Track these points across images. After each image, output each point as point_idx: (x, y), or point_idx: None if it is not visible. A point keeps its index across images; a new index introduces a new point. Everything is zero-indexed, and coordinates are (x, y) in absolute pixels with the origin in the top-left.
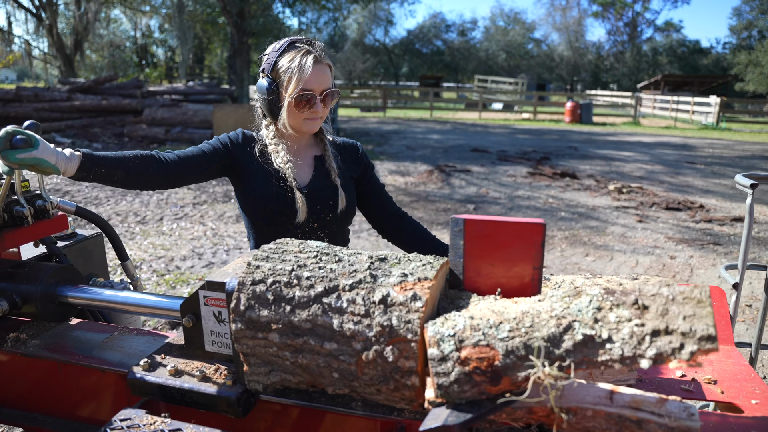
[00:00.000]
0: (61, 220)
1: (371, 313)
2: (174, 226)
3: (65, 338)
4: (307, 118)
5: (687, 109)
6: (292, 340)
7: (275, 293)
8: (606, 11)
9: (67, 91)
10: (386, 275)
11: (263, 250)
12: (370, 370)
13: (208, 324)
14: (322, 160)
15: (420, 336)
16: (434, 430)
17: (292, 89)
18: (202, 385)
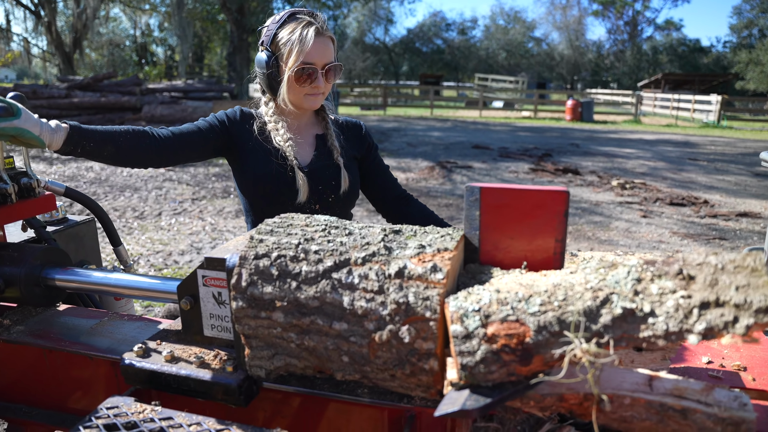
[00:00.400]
0: (48, 200)
1: (385, 289)
2: (172, 221)
3: (52, 324)
4: (308, 93)
5: (688, 108)
6: (298, 319)
7: (280, 268)
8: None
9: (66, 89)
10: (402, 247)
11: (267, 224)
12: (384, 352)
13: (207, 306)
14: (324, 139)
15: (440, 314)
16: (451, 414)
17: (292, 62)
18: (200, 371)
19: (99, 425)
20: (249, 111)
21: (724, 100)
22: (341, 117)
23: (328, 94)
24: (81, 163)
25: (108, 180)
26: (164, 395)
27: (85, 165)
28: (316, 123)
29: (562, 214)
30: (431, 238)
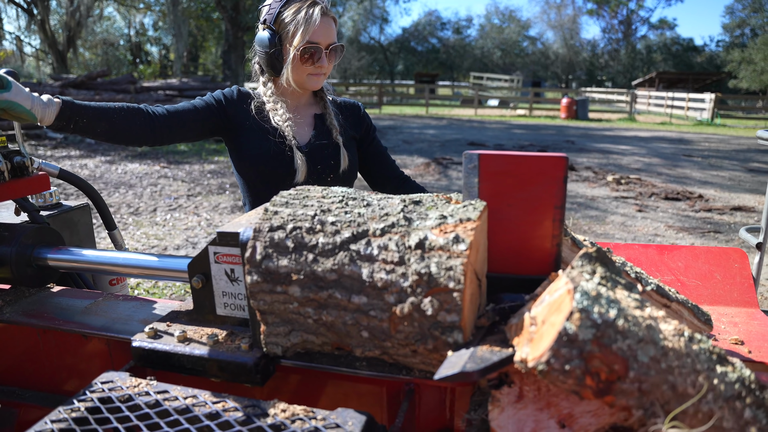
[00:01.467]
0: (42, 179)
1: (406, 260)
2: (168, 216)
3: (45, 304)
4: (311, 73)
5: (682, 106)
6: (315, 293)
7: (296, 240)
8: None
9: (60, 87)
10: (422, 218)
11: (282, 196)
12: (406, 326)
13: (220, 284)
14: (323, 119)
15: (464, 285)
16: (451, 377)
17: (297, 41)
18: (213, 351)
19: (93, 398)
20: (246, 91)
21: (717, 98)
22: (339, 98)
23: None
24: (75, 160)
25: (103, 177)
26: (174, 376)
27: (79, 162)
28: (315, 103)
29: (561, 180)
30: (453, 208)
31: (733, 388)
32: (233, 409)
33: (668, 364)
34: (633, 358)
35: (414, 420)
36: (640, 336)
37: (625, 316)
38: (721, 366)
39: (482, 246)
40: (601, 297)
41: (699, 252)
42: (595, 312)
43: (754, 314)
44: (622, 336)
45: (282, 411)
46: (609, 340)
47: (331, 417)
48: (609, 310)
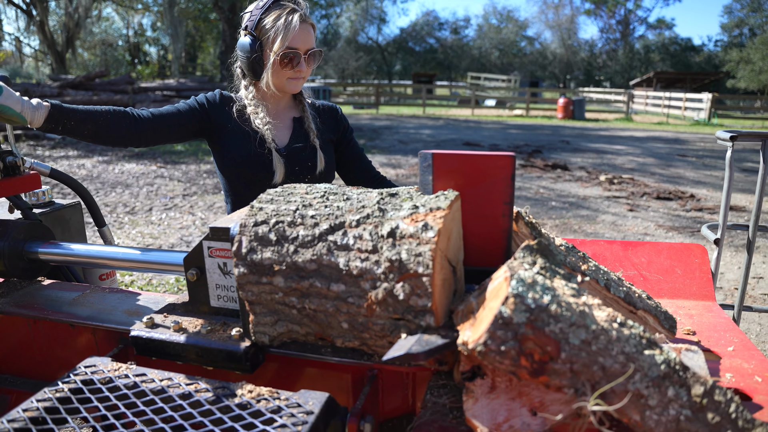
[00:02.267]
0: (33, 178)
1: (379, 248)
2: (163, 216)
3: (36, 296)
4: (290, 77)
5: (679, 106)
6: (298, 283)
7: (278, 233)
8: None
9: (58, 87)
10: (396, 209)
11: (268, 194)
12: (382, 311)
13: (213, 277)
14: (301, 122)
15: (433, 270)
16: (398, 358)
17: (277, 47)
18: (207, 340)
19: (76, 380)
20: (228, 94)
21: (714, 98)
22: (318, 101)
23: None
24: (73, 161)
25: (100, 177)
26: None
27: (77, 162)
28: (294, 106)
29: (509, 178)
30: (426, 199)
31: (659, 369)
32: (204, 390)
33: (598, 346)
34: (565, 341)
35: (378, 404)
36: (572, 320)
37: (558, 302)
38: (649, 350)
39: (455, 234)
40: (537, 284)
41: (661, 248)
42: (530, 297)
43: (710, 307)
44: (554, 320)
45: (249, 392)
46: (542, 323)
47: (293, 398)
48: (543, 296)
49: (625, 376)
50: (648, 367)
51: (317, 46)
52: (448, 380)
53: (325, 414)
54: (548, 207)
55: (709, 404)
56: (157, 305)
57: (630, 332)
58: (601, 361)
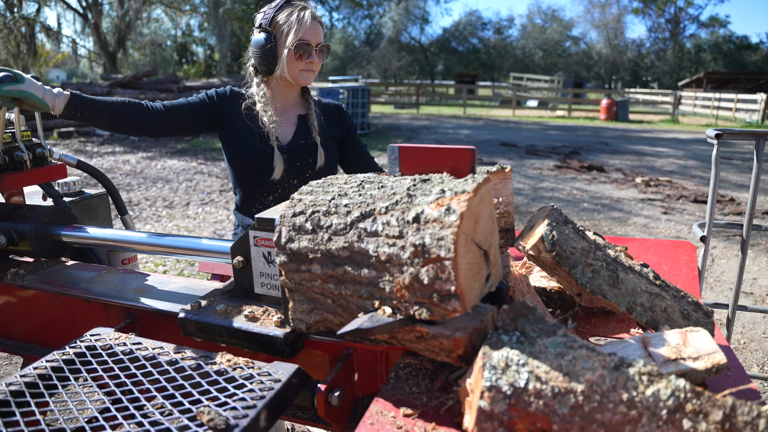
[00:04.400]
0: (59, 168)
1: (404, 234)
2: (199, 210)
3: (59, 274)
4: (303, 69)
5: (730, 107)
6: (333, 270)
7: (313, 222)
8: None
9: (108, 86)
10: (425, 194)
11: (309, 185)
12: (410, 296)
13: (258, 265)
14: (306, 119)
15: (455, 253)
16: (349, 333)
17: (291, 39)
18: (250, 324)
19: (81, 346)
20: (239, 90)
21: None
22: (324, 99)
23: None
24: (119, 156)
25: (143, 172)
26: (216, 346)
27: (122, 158)
28: (301, 104)
29: (469, 170)
30: (455, 183)
31: (668, 403)
32: (189, 358)
33: (591, 405)
34: (552, 413)
35: (354, 382)
36: (555, 391)
37: (537, 376)
38: (652, 385)
39: (485, 217)
40: (512, 364)
41: (650, 244)
42: (505, 384)
43: None
44: (536, 397)
45: (227, 360)
46: (525, 404)
47: (265, 367)
48: (519, 377)
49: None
50: (655, 405)
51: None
52: (414, 359)
53: (291, 383)
54: (580, 208)
55: (731, 429)
56: (159, 285)
57: (628, 372)
58: (599, 418)
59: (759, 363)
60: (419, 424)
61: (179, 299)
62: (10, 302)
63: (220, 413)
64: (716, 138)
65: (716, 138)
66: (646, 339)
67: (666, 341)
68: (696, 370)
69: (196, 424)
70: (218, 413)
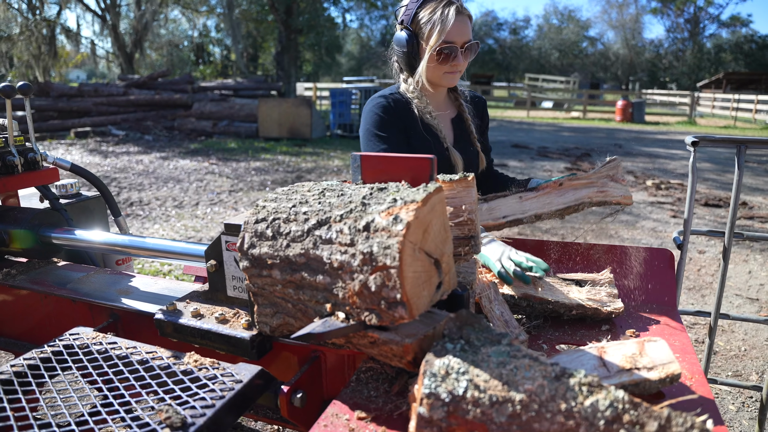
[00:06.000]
0: (51, 172)
1: (355, 242)
2: (208, 210)
3: (49, 275)
4: (447, 71)
5: (750, 108)
6: (291, 275)
7: (274, 229)
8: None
9: (124, 87)
10: (379, 203)
11: (275, 192)
12: (361, 302)
13: (230, 269)
14: (461, 121)
15: (400, 262)
16: (302, 337)
17: (434, 41)
18: (219, 326)
19: (60, 345)
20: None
21: None
22: (467, 91)
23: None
24: (133, 156)
25: (155, 172)
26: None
27: (136, 158)
28: (451, 103)
29: (427, 178)
30: (407, 192)
31: (606, 414)
32: (159, 358)
33: (529, 415)
34: (490, 421)
35: (321, 384)
36: (493, 399)
37: (476, 385)
38: (591, 396)
39: (437, 226)
40: (451, 373)
41: (630, 251)
42: (443, 391)
43: (668, 311)
44: (474, 405)
45: (194, 361)
46: (462, 412)
47: (230, 368)
48: (457, 385)
49: None
50: (593, 415)
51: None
52: (376, 363)
53: (254, 384)
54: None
55: None
56: (143, 286)
57: (568, 383)
58: (537, 428)
59: (758, 371)
60: (371, 427)
61: (160, 300)
62: (1, 301)
63: (178, 411)
64: (693, 145)
65: (693, 145)
66: (602, 348)
67: (623, 351)
68: (649, 380)
69: (155, 422)
70: (176, 411)
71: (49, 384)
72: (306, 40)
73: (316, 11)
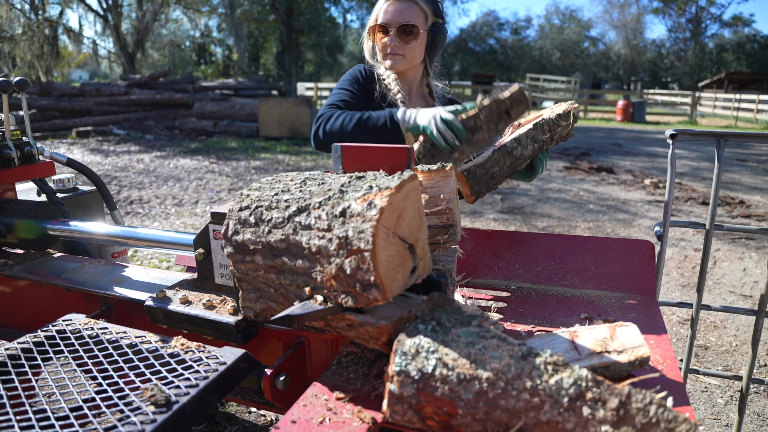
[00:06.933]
0: (47, 166)
1: (332, 227)
2: (207, 208)
3: (45, 265)
4: (382, 51)
5: (751, 108)
6: (272, 260)
7: (257, 216)
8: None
9: (126, 86)
10: (356, 191)
11: (259, 182)
12: (338, 285)
13: (217, 257)
14: None
15: (373, 246)
16: (280, 319)
17: (369, 21)
18: (206, 312)
19: (53, 330)
20: (372, 70)
21: None
22: (449, 95)
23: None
24: (134, 155)
25: (155, 171)
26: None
27: (137, 157)
28: (425, 99)
29: (404, 167)
30: (383, 180)
31: (569, 392)
32: (147, 342)
33: (496, 392)
34: (458, 398)
35: (306, 368)
36: (461, 377)
37: (444, 363)
38: (556, 374)
39: (411, 212)
40: (421, 352)
41: (610, 243)
42: (413, 369)
43: (646, 300)
44: (442, 382)
45: (181, 345)
46: (432, 389)
47: (215, 351)
48: (427, 363)
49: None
50: (557, 393)
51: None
52: (356, 348)
53: (237, 366)
54: (585, 210)
55: (626, 415)
56: (136, 276)
57: (534, 362)
58: (503, 404)
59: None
60: (348, 407)
61: (152, 289)
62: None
63: (163, 390)
64: (671, 138)
65: (671, 138)
66: (574, 333)
67: (594, 335)
68: (619, 362)
69: (141, 400)
70: (161, 390)
71: (42, 366)
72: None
73: (317, 11)
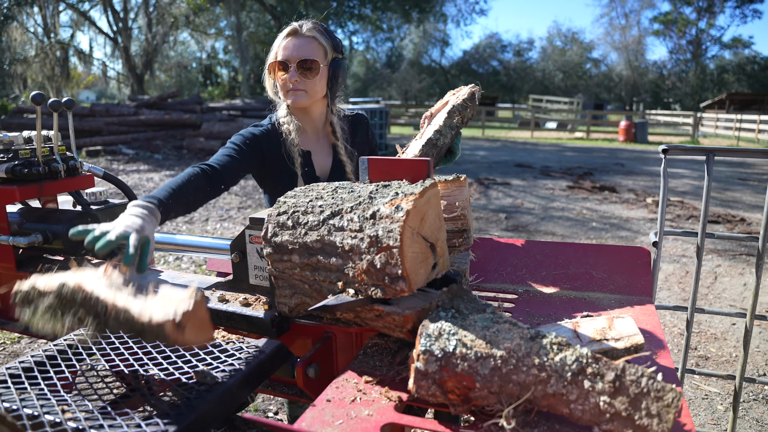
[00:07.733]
0: (88, 178)
1: (364, 228)
2: (218, 225)
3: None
4: (283, 88)
5: (752, 128)
6: (308, 259)
7: (294, 220)
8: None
9: (134, 107)
10: (383, 197)
11: (294, 191)
12: (368, 279)
13: (252, 260)
14: (336, 150)
15: (401, 243)
16: (317, 309)
17: (269, 62)
18: (243, 309)
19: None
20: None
21: None
22: (348, 111)
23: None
24: (143, 174)
25: None
26: None
27: (146, 176)
28: (328, 135)
29: (425, 177)
30: (408, 187)
31: (572, 368)
32: None
33: (508, 368)
34: (476, 373)
35: (333, 361)
36: (478, 355)
37: (463, 343)
38: (560, 353)
39: (432, 215)
40: (443, 334)
41: (608, 249)
42: (437, 348)
43: (642, 301)
44: (462, 360)
45: (222, 336)
46: (453, 366)
47: (254, 342)
48: (448, 344)
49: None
50: (561, 368)
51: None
52: (381, 340)
53: (274, 355)
54: (588, 227)
55: (621, 387)
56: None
57: (541, 342)
58: (515, 378)
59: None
60: (376, 388)
61: None
62: None
63: (211, 374)
64: (663, 153)
65: (663, 153)
66: (576, 323)
67: (594, 325)
68: (616, 348)
69: (192, 382)
70: (210, 373)
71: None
72: None
73: None
